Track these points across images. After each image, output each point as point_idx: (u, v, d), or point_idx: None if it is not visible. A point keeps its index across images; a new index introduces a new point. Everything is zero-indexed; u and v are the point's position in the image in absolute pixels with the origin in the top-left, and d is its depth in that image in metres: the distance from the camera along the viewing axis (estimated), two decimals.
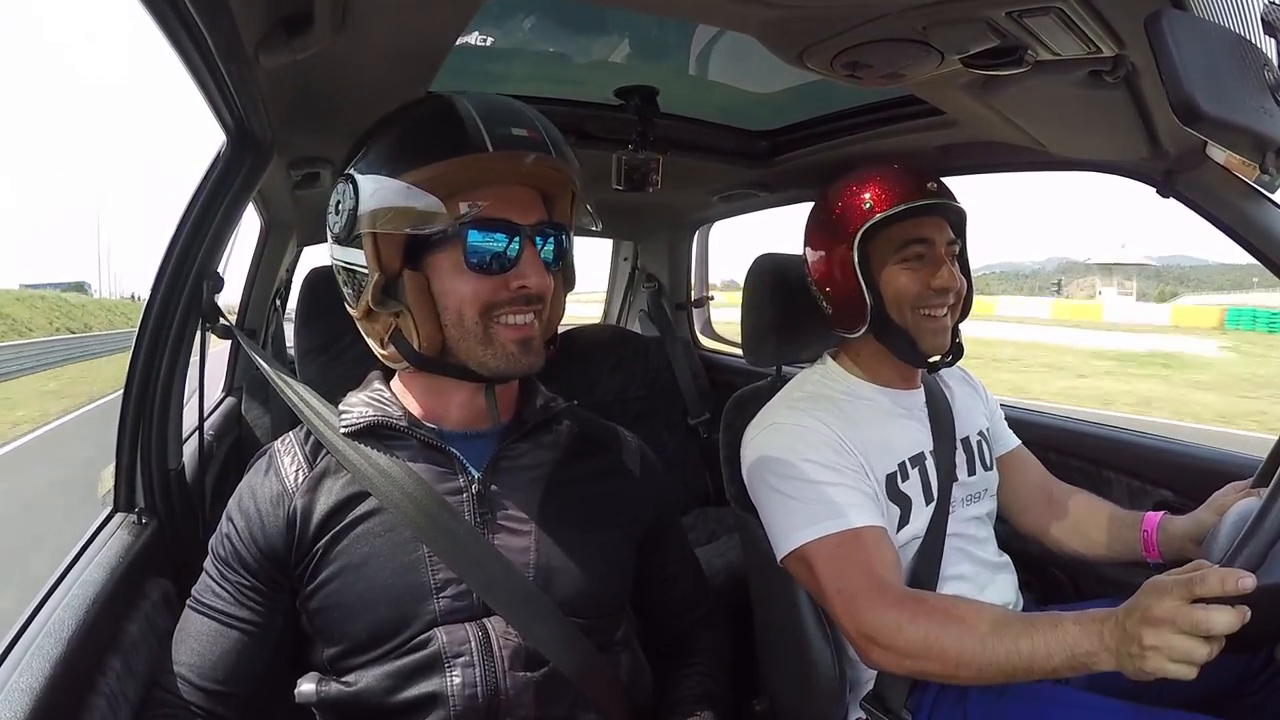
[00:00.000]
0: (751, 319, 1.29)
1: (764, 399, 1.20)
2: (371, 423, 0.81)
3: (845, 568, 0.94)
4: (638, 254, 2.65)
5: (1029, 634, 0.80)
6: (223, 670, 0.78)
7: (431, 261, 0.77)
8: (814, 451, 1.00)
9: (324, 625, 0.78)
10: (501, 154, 0.74)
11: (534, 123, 0.77)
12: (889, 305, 1.07)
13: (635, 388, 2.26)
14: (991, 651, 0.81)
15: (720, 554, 1.83)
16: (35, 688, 0.64)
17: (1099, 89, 0.82)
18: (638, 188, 1.46)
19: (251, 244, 1.87)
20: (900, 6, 0.71)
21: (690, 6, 0.80)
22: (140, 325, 0.99)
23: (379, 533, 0.78)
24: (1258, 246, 1.06)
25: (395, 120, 0.80)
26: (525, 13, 1.09)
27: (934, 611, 0.88)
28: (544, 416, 0.88)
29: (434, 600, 0.76)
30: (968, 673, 0.84)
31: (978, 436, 1.18)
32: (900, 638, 0.87)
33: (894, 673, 0.93)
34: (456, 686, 0.74)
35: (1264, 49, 0.67)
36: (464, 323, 0.77)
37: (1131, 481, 1.36)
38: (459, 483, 0.81)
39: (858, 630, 0.91)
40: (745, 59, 1.18)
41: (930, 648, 0.85)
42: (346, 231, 0.78)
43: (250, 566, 0.79)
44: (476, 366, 0.78)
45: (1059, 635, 0.78)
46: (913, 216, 1.06)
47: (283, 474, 0.82)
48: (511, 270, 0.77)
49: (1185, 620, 0.69)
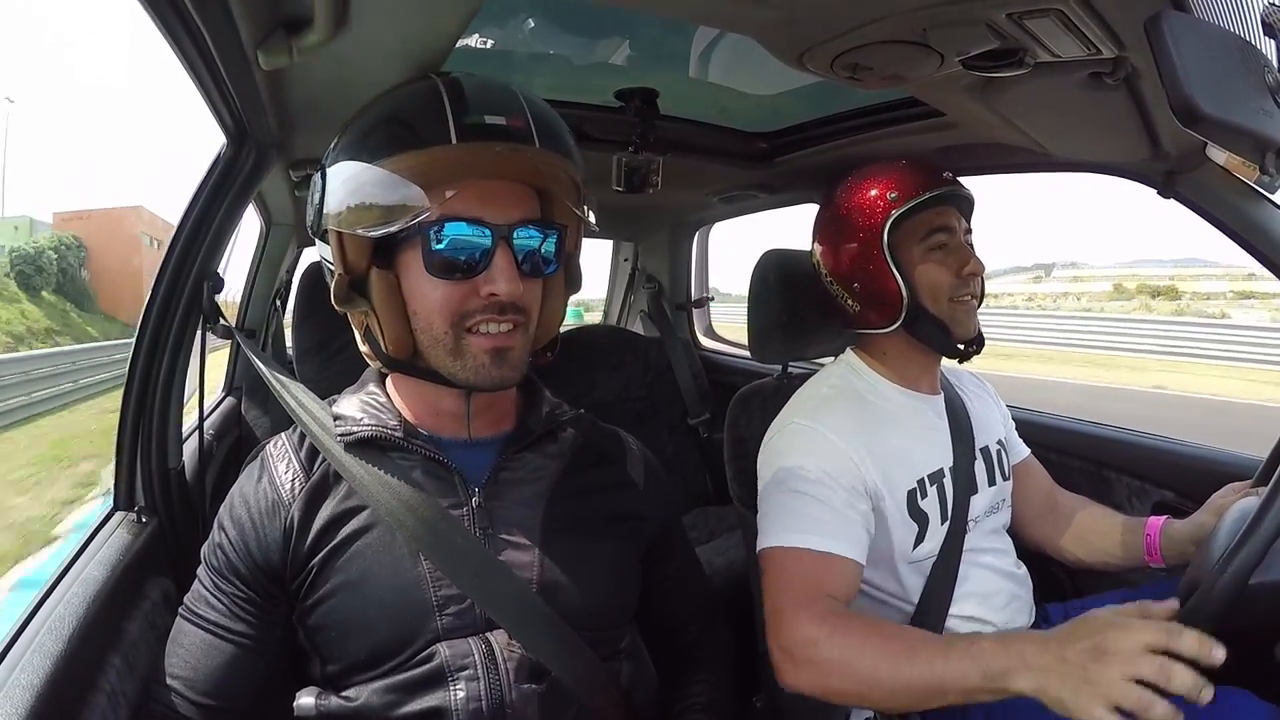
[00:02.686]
0: (758, 316, 1.27)
1: (770, 397, 1.19)
2: (368, 435, 0.77)
3: (790, 581, 0.92)
4: (638, 255, 2.65)
5: (944, 654, 0.77)
6: (216, 684, 0.74)
7: (402, 260, 0.73)
8: (818, 462, 0.98)
9: (322, 643, 0.75)
10: (465, 146, 0.68)
11: (520, 109, 0.71)
12: (924, 296, 1.05)
13: (635, 388, 2.26)
14: (905, 672, 0.78)
15: (720, 552, 1.83)
16: (36, 685, 0.64)
17: (1099, 90, 0.82)
18: (638, 189, 1.46)
19: (251, 244, 1.88)
20: (900, 9, 0.71)
21: (690, 8, 0.80)
22: (140, 325, 1.00)
23: (378, 548, 0.74)
24: (1258, 247, 1.06)
25: (370, 106, 0.75)
26: (526, 14, 1.09)
27: (853, 629, 0.84)
28: (549, 426, 0.84)
29: (436, 618, 0.73)
30: (879, 694, 0.81)
31: (996, 445, 1.16)
32: (816, 653, 0.84)
33: (806, 693, 0.87)
34: (460, 700, 0.71)
35: (1264, 50, 0.67)
36: (433, 331, 0.73)
37: (1132, 481, 1.36)
38: (459, 496, 0.77)
39: (777, 645, 0.88)
40: (745, 61, 1.18)
41: (846, 665, 0.82)
42: (315, 226, 0.76)
43: (245, 578, 0.76)
44: (448, 375, 0.74)
45: (974, 653, 0.74)
46: (933, 206, 1.05)
47: (278, 482, 0.78)
48: (481, 275, 0.71)
49: (1147, 667, 0.63)
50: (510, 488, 0.80)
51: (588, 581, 0.79)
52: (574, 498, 0.82)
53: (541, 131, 0.71)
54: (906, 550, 1.01)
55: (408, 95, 0.73)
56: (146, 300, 1.00)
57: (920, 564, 1.02)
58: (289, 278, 2.06)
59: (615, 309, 2.78)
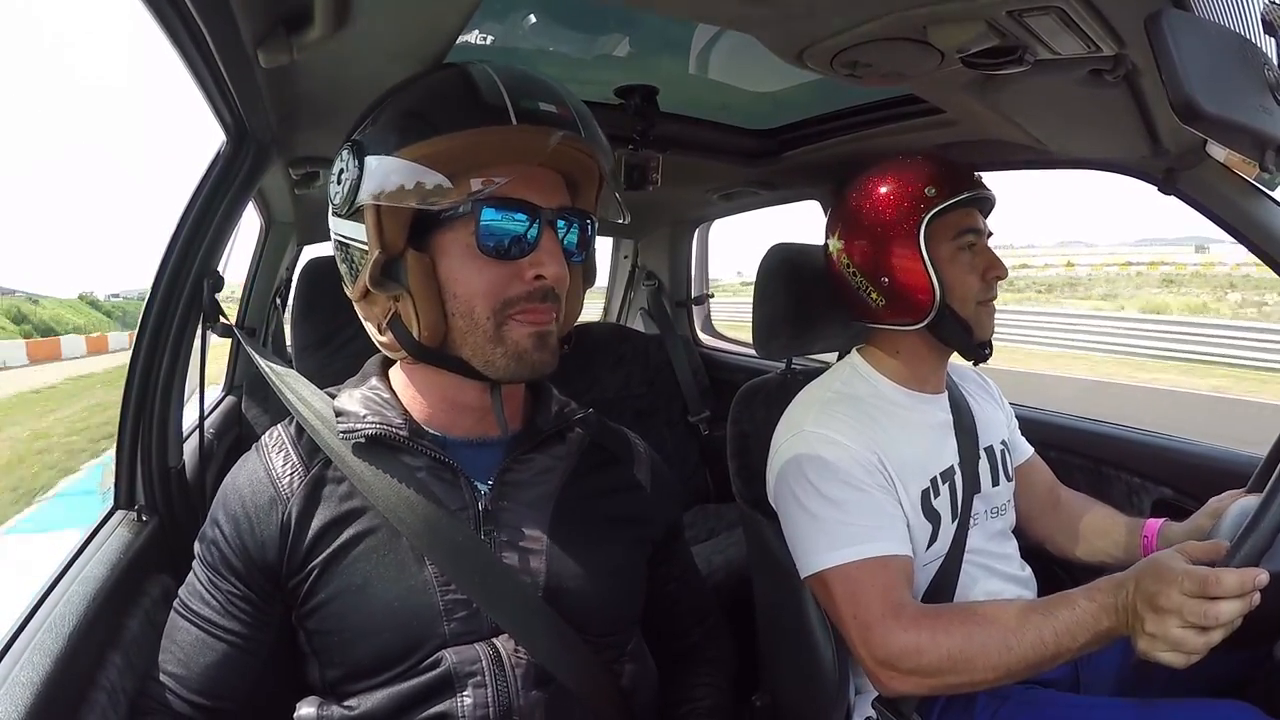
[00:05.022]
0: (764, 311, 1.25)
1: (773, 392, 1.18)
2: (373, 434, 0.74)
3: (862, 594, 0.91)
4: (638, 252, 2.65)
5: (1049, 621, 0.79)
6: (209, 683, 0.73)
7: (439, 242, 0.70)
8: (841, 469, 0.97)
9: (323, 647, 0.73)
10: (525, 128, 0.67)
11: (563, 98, 0.71)
12: (954, 297, 1.03)
13: (636, 385, 2.26)
14: (1018, 648, 0.79)
15: (720, 550, 1.83)
16: (36, 682, 0.64)
17: (1099, 88, 0.82)
18: (638, 186, 1.46)
19: (251, 243, 1.88)
20: (900, 6, 0.71)
21: (690, 6, 0.80)
22: (140, 324, 1.00)
23: (382, 551, 0.73)
24: (1257, 243, 1.06)
25: (409, 86, 0.72)
26: (525, 11, 1.08)
27: (953, 623, 0.85)
28: (559, 426, 0.82)
29: (444, 623, 0.71)
30: (993, 676, 0.82)
31: (1000, 446, 1.15)
32: (922, 659, 0.85)
33: (915, 695, 0.89)
34: (468, 708, 0.70)
35: (1264, 48, 0.67)
36: (474, 316, 0.70)
37: (1132, 479, 1.36)
38: (464, 498, 0.75)
39: (874, 659, 0.88)
40: (745, 58, 1.17)
41: (956, 662, 0.83)
42: (348, 204, 0.70)
43: (240, 574, 0.74)
44: (481, 365, 0.72)
45: (1079, 615, 0.78)
46: (964, 206, 1.03)
47: (274, 475, 0.75)
48: (529, 256, 0.70)
49: (1192, 613, 0.70)
50: (517, 489, 0.78)
51: (594, 585, 0.77)
52: (581, 500, 0.81)
53: (584, 122, 0.71)
54: (920, 550, 1.00)
55: (452, 77, 0.71)
56: (146, 299, 1.00)
57: (928, 566, 1.02)
58: (289, 275, 2.06)
59: (615, 306, 2.78)
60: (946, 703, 0.98)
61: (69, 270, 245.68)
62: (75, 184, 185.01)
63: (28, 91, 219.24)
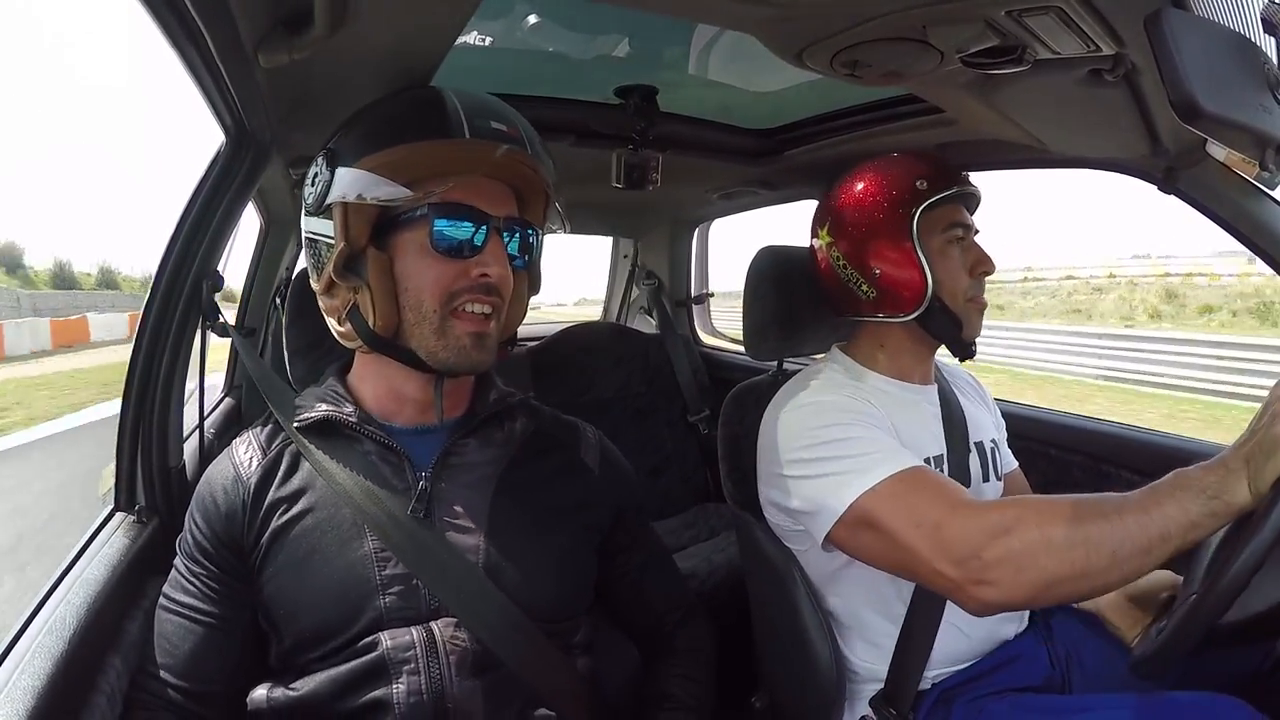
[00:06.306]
0: (754, 313, 1.26)
1: (764, 394, 1.18)
2: (324, 418, 0.82)
3: (917, 499, 0.82)
4: (638, 251, 2.65)
5: (1152, 497, 0.70)
6: (192, 667, 0.77)
7: (397, 242, 0.78)
8: (843, 414, 0.95)
9: (273, 621, 0.78)
10: (476, 141, 0.76)
11: (515, 121, 0.81)
12: (944, 291, 1.04)
13: (635, 384, 2.26)
14: (1123, 527, 0.69)
15: (721, 550, 1.83)
16: (37, 686, 0.64)
17: (1099, 87, 0.82)
18: (638, 185, 1.46)
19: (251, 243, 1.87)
20: (900, 6, 0.71)
21: (690, 5, 0.80)
22: (140, 324, 1.00)
23: (326, 528, 0.78)
24: (1258, 243, 1.06)
25: (380, 103, 0.82)
26: (525, 12, 1.08)
27: (1031, 504, 0.75)
28: (494, 410, 0.88)
29: (380, 597, 0.75)
30: (1100, 561, 0.70)
31: (990, 444, 1.14)
32: (1011, 541, 0.73)
33: (1013, 606, 0.76)
34: (402, 694, 0.73)
35: (1264, 47, 0.67)
36: (422, 309, 0.78)
37: (1132, 477, 1.36)
38: (408, 480, 0.81)
39: (954, 559, 0.76)
40: (745, 58, 1.17)
41: (1051, 541, 0.71)
42: (318, 203, 0.79)
43: (211, 555, 0.79)
44: (426, 356, 0.79)
45: (1181, 483, 0.69)
46: (953, 201, 1.04)
47: (237, 461, 0.83)
48: (475, 257, 0.78)
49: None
50: (458, 472, 0.83)
51: (535, 571, 0.80)
52: (523, 488, 0.85)
53: (531, 141, 0.80)
54: None
55: (416, 96, 0.81)
56: (146, 299, 1.00)
57: None
58: (289, 275, 2.06)
59: (615, 306, 2.78)
60: (933, 704, 0.98)
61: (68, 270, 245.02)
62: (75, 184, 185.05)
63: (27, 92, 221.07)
